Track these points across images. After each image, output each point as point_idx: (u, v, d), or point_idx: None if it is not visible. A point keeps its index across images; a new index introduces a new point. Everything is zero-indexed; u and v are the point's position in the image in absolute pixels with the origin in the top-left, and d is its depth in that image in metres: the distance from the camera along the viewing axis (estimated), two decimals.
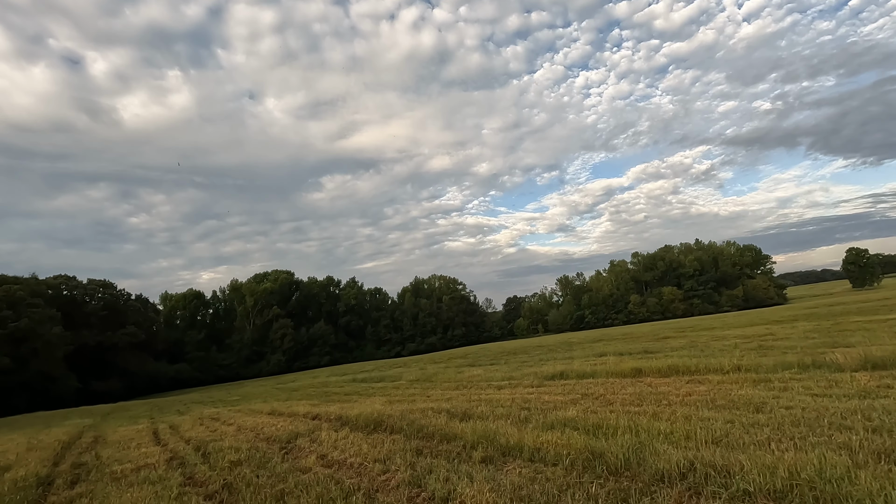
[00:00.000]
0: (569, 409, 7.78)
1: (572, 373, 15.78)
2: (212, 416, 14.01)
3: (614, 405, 8.19)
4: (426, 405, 10.14)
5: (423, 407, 9.45)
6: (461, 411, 8.30)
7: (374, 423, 7.96)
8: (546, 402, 9.29)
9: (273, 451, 6.80)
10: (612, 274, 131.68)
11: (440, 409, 8.84)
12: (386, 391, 18.83)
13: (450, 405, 9.52)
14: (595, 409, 7.76)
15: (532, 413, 7.63)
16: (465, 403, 10.07)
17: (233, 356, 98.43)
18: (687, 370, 12.70)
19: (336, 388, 23.50)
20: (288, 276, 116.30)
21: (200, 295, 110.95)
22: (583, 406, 8.13)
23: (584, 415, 6.84)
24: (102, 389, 66.79)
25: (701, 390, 8.91)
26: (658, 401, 8.19)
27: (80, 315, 68.05)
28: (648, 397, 8.77)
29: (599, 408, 7.92)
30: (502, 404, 9.35)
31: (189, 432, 10.16)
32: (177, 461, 6.99)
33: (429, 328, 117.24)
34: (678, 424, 5.58)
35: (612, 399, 8.99)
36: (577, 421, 6.43)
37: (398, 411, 9.04)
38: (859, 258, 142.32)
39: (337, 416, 9.27)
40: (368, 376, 29.12)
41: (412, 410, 9.19)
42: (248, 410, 14.76)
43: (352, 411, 9.29)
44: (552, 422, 6.61)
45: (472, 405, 9.40)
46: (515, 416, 7.36)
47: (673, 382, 11.04)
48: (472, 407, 8.85)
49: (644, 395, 9.04)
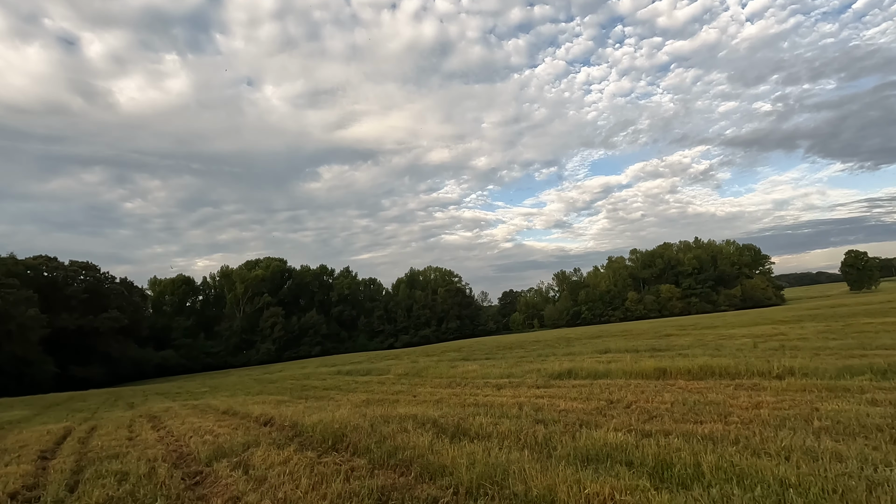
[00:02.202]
0: (602, 425, 5.65)
1: (582, 371, 13.71)
2: (153, 415, 11.86)
3: (661, 419, 6.06)
4: (409, 410, 7.99)
5: (405, 413, 7.30)
6: (453, 423, 6.15)
7: (332, 438, 5.83)
8: (564, 412, 7.15)
9: (174, 482, 4.67)
10: (610, 270, 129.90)
11: (426, 417, 6.69)
12: (370, 386, 16.73)
13: (439, 411, 7.38)
14: (638, 425, 5.63)
15: (552, 430, 5.49)
16: (459, 409, 7.93)
17: (221, 344, 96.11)
18: (725, 372, 10.62)
19: (317, 382, 21.38)
20: (280, 263, 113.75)
21: (190, 281, 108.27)
22: (619, 420, 6.00)
23: (631, 438, 4.71)
24: (82, 375, 64.29)
25: (768, 400, 6.78)
26: (720, 415, 6.07)
27: (60, 298, 65.47)
28: (700, 408, 6.65)
29: (643, 423, 5.79)
30: (507, 412, 7.21)
31: (101, 439, 7.99)
32: (25, 491, 4.84)
33: (423, 320, 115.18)
34: (805, 469, 3.42)
35: (652, 409, 6.86)
36: (628, 450, 4.31)
37: (371, 419, 6.89)
38: (858, 261, 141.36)
39: (291, 424, 7.14)
40: (355, 368, 27.02)
41: (389, 417, 7.03)
42: (203, 407, 12.63)
43: (311, 417, 7.13)
44: (588, 448, 4.48)
45: (467, 413, 7.26)
46: (529, 435, 5.22)
47: (715, 387, 8.94)
48: (467, 416, 6.71)
49: (692, 405, 6.92)
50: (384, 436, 5.53)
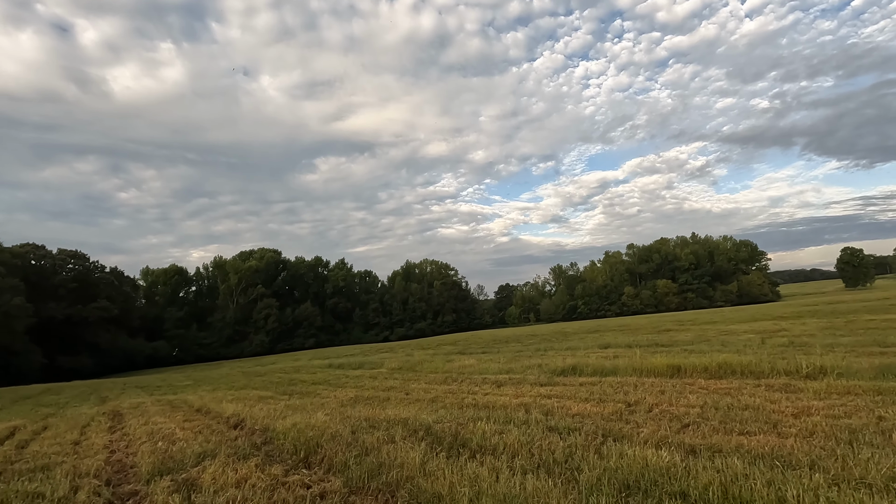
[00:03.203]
0: (629, 436, 4.69)
1: (587, 367, 12.78)
2: (118, 412, 10.84)
3: (697, 429, 5.11)
4: (400, 411, 7.03)
5: (394, 416, 6.33)
6: (450, 431, 5.17)
7: (306, 448, 4.86)
8: (578, 416, 6.20)
9: None
10: (607, 265, 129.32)
11: (418, 422, 5.71)
12: (360, 381, 15.78)
13: (434, 415, 6.41)
14: (674, 436, 4.68)
15: (570, 442, 4.52)
16: (456, 411, 6.96)
17: (214, 335, 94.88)
18: (747, 370, 9.71)
19: (306, 375, 20.41)
20: (275, 254, 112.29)
21: (183, 271, 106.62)
22: (648, 429, 5.04)
23: (675, 457, 3.75)
24: (71, 366, 63.06)
25: (815, 406, 5.85)
26: (766, 423, 5.14)
27: (47, 286, 64.03)
28: (738, 415, 5.71)
29: (678, 433, 4.84)
30: (512, 416, 6.24)
31: (43, 443, 6.97)
32: None
33: (419, 313, 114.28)
34: None
35: (681, 415, 5.91)
36: (677, 475, 3.35)
37: (354, 423, 5.92)
38: (854, 258, 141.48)
39: (263, 427, 6.16)
40: (347, 362, 26.08)
41: (376, 422, 6.06)
42: (177, 404, 11.64)
43: (286, 420, 6.14)
44: (623, 472, 3.52)
45: (466, 416, 6.30)
46: (544, 450, 4.26)
47: (742, 388, 8.02)
48: (466, 421, 5.75)
49: (726, 410, 5.98)
50: (367, 447, 4.57)
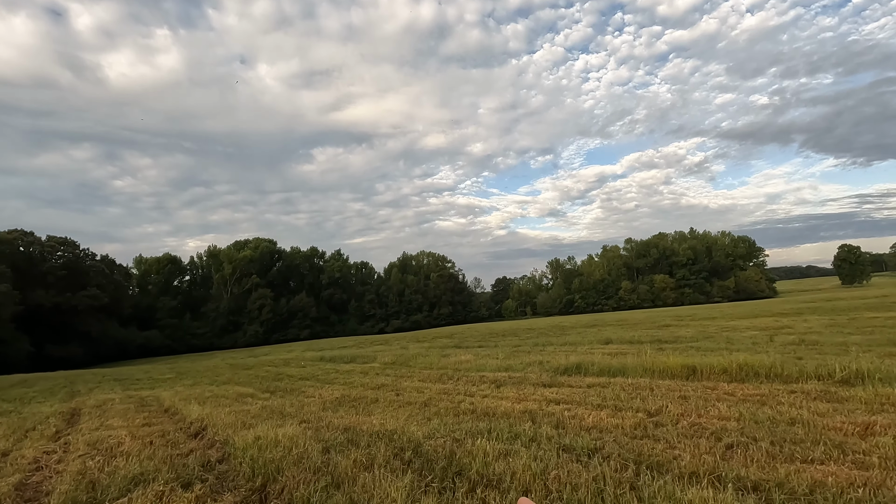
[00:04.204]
0: (664, 460, 3.76)
1: (593, 366, 11.87)
2: (76, 412, 9.81)
3: (745, 452, 4.18)
4: (386, 421, 6.08)
5: (379, 428, 5.38)
6: (445, 451, 4.23)
7: (263, 475, 3.91)
8: (595, 430, 5.26)
9: None
10: (605, 259, 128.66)
11: (406, 438, 4.75)
12: (350, 377, 14.87)
13: (426, 426, 5.46)
14: (723, 465, 3.75)
15: (596, 472, 3.58)
16: (451, 420, 6.01)
17: (207, 325, 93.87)
18: (772, 373, 8.82)
19: (294, 370, 19.49)
20: (269, 244, 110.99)
21: (176, 260, 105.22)
22: (688, 455, 4.11)
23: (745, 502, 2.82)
24: (60, 355, 61.93)
25: (878, 422, 4.93)
26: (829, 445, 4.21)
27: (36, 274, 62.71)
28: (785, 431, 4.79)
29: (725, 458, 3.92)
30: (516, 429, 5.30)
31: None
32: None
33: (415, 305, 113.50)
34: None
35: (718, 430, 4.98)
36: None
37: (328, 438, 4.97)
38: (851, 255, 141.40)
39: (223, 440, 5.20)
40: (339, 355, 25.17)
41: (357, 434, 5.10)
42: (147, 402, 10.66)
43: (250, 432, 5.16)
44: None
45: (463, 428, 5.36)
46: (566, 486, 3.33)
47: (774, 394, 7.11)
48: (464, 436, 4.81)
49: (768, 425, 5.06)
50: (339, 476, 3.63)
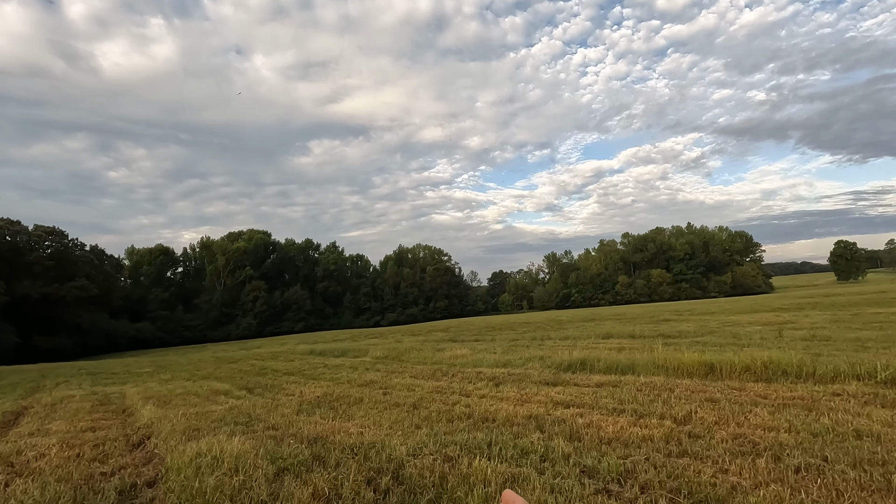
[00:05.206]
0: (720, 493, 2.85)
1: (598, 362, 10.99)
2: (19, 413, 8.84)
3: (823, 479, 3.27)
4: (366, 430, 5.16)
5: (356, 439, 4.45)
6: (433, 476, 3.31)
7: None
8: (617, 443, 4.35)
9: None
10: (602, 253, 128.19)
11: (385, 457, 3.82)
12: (338, 372, 13.94)
13: (412, 438, 4.55)
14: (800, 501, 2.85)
15: None
16: (444, 429, 5.10)
17: (200, 317, 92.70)
18: (803, 373, 7.95)
19: (281, 364, 18.56)
20: (264, 236, 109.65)
21: (168, 251, 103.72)
22: (746, 479, 3.22)
23: None
24: (48, 346, 60.75)
25: None
26: None
27: (22, 264, 61.30)
28: (852, 447, 3.90)
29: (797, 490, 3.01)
30: (521, 441, 4.38)
31: None
32: None
33: (410, 298, 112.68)
34: None
35: (772, 447, 4.07)
36: None
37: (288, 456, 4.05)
38: (847, 251, 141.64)
39: (163, 454, 4.30)
40: (331, 348, 24.25)
41: (327, 447, 4.18)
42: (112, 399, 9.72)
43: (189, 448, 4.20)
44: None
45: (457, 440, 4.44)
46: None
47: (821, 399, 6.22)
48: (458, 450, 3.90)
49: (829, 438, 4.17)
50: None
